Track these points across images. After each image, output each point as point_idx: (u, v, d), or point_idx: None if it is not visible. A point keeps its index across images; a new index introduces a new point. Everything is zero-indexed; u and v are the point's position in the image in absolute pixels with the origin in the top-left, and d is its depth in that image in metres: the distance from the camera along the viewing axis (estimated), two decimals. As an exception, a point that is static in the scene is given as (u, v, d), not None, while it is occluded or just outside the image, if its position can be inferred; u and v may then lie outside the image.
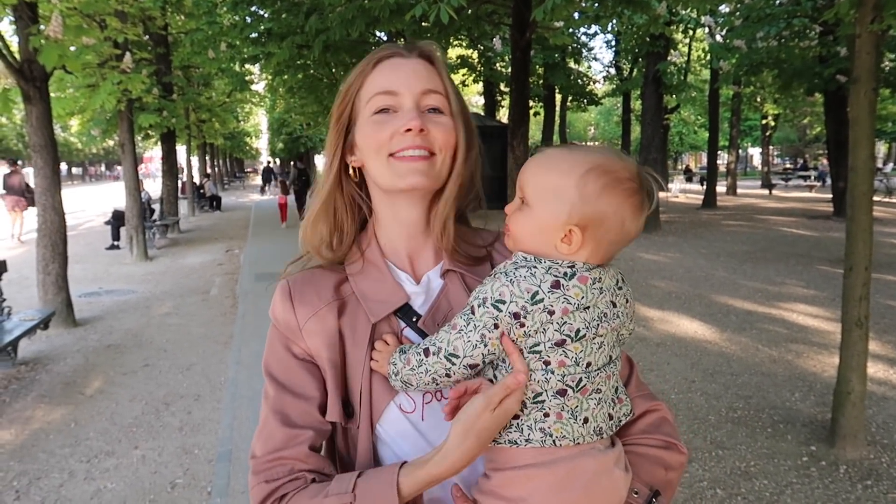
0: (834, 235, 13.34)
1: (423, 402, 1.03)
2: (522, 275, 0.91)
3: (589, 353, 0.92)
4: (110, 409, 4.97)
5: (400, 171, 1.03)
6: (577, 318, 0.90)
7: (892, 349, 5.92)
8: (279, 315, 1.09)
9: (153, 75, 13.25)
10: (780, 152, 55.00)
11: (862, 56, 3.77)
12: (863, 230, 3.84)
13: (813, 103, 25.94)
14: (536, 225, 0.94)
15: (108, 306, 8.46)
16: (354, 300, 1.07)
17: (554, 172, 0.94)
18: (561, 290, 0.90)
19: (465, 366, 0.93)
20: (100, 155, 63.70)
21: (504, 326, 0.90)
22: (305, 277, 1.11)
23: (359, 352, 1.04)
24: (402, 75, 1.04)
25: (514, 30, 8.50)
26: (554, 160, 0.96)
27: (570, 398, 0.91)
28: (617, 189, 0.92)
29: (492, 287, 0.91)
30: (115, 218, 13.99)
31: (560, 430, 0.91)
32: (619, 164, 0.93)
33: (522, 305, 0.89)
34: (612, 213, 0.92)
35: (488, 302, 0.91)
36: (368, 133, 1.04)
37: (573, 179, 0.92)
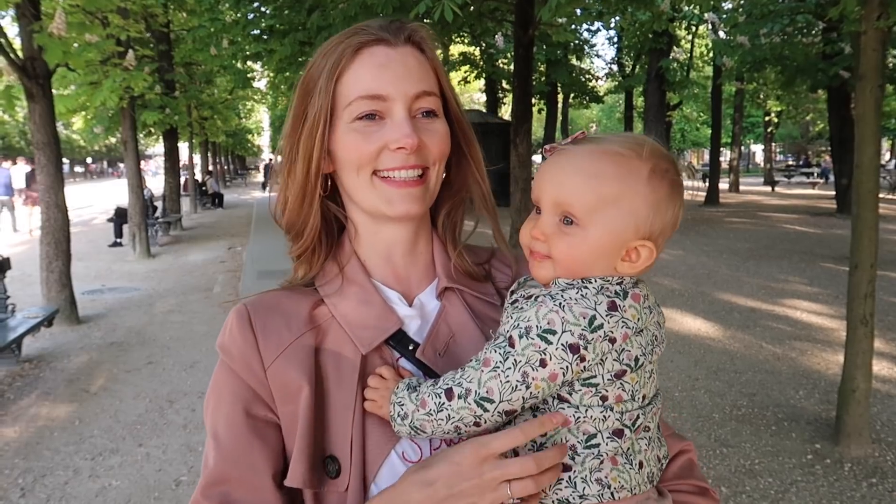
0: (837, 232, 13.31)
1: (432, 449, 0.84)
2: (573, 297, 0.74)
3: (643, 385, 0.78)
4: (114, 406, 4.97)
5: (389, 197, 0.86)
6: (635, 344, 0.76)
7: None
8: (236, 351, 0.86)
9: (155, 72, 13.25)
10: (783, 149, 54.91)
11: (867, 53, 3.75)
12: (868, 227, 3.83)
13: (816, 100, 25.90)
14: (595, 248, 0.77)
15: (112, 304, 8.47)
16: (336, 327, 0.88)
17: (610, 181, 0.76)
18: (619, 313, 0.74)
19: (501, 412, 0.74)
20: (102, 152, 63.78)
21: (556, 364, 0.72)
22: (269, 302, 0.91)
23: (345, 393, 0.83)
24: (390, 73, 0.84)
25: (516, 27, 8.49)
26: (603, 166, 0.77)
27: (626, 440, 0.77)
28: (679, 187, 0.79)
29: (536, 314, 0.74)
30: (117, 215, 14.00)
31: (618, 478, 0.76)
32: (665, 154, 0.79)
33: (580, 334, 0.72)
34: (676, 216, 0.79)
35: (533, 332, 0.73)
36: (349, 145, 0.85)
37: (638, 185, 0.76)
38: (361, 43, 0.85)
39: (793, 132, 46.80)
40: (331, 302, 0.89)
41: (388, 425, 0.81)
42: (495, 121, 20.32)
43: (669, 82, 17.20)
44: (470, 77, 20.30)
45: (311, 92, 0.87)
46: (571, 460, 0.76)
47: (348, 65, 0.84)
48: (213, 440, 0.86)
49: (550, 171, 0.80)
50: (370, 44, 0.85)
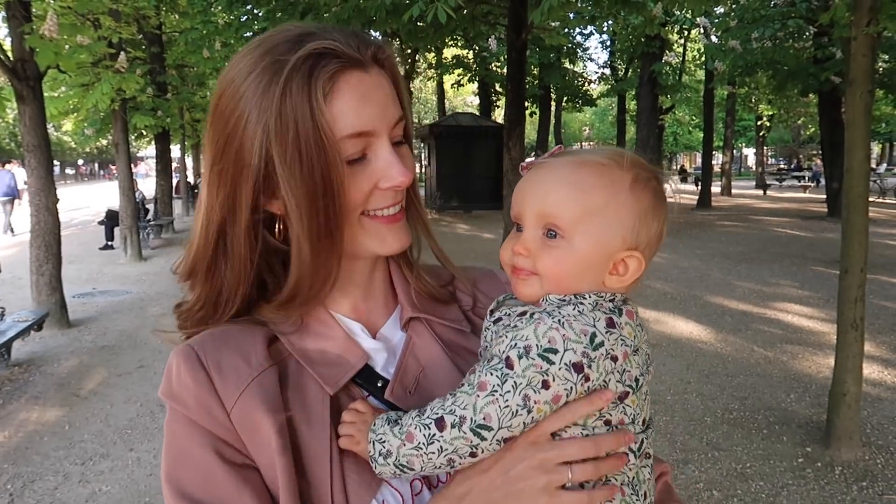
0: (828, 236, 13.39)
1: (413, 495, 0.77)
2: (570, 313, 0.70)
3: (642, 409, 0.74)
4: (105, 410, 4.94)
5: (381, 236, 0.79)
6: (634, 364, 0.72)
7: (886, 350, 5.94)
8: (190, 398, 0.74)
9: (147, 74, 13.21)
10: (775, 153, 55.20)
11: (857, 58, 3.78)
12: (858, 232, 3.85)
13: (807, 104, 26.09)
14: (582, 261, 0.74)
15: (103, 307, 8.43)
16: (296, 365, 0.78)
17: (595, 190, 0.74)
18: (617, 330, 0.70)
19: (500, 440, 0.68)
20: (93, 154, 63.49)
21: (560, 385, 0.67)
22: (216, 336, 0.79)
23: (318, 434, 0.74)
24: (374, 107, 0.74)
25: (509, 30, 8.51)
26: (586, 177, 0.74)
27: (631, 466, 0.73)
28: (663, 197, 0.77)
29: (535, 332, 0.68)
30: (108, 218, 13.93)
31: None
32: (646, 165, 0.77)
33: (583, 352, 0.67)
34: (661, 228, 0.77)
35: (534, 352, 0.67)
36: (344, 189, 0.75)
37: (622, 195, 0.74)
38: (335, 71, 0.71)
39: (784, 136, 47.05)
40: (286, 338, 0.80)
41: (366, 470, 0.73)
42: (488, 124, 20.34)
43: (662, 86, 17.26)
44: (463, 80, 20.34)
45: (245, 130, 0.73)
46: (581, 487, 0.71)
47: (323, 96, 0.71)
48: (185, 500, 0.72)
49: (531, 184, 0.77)
50: (344, 69, 0.72)
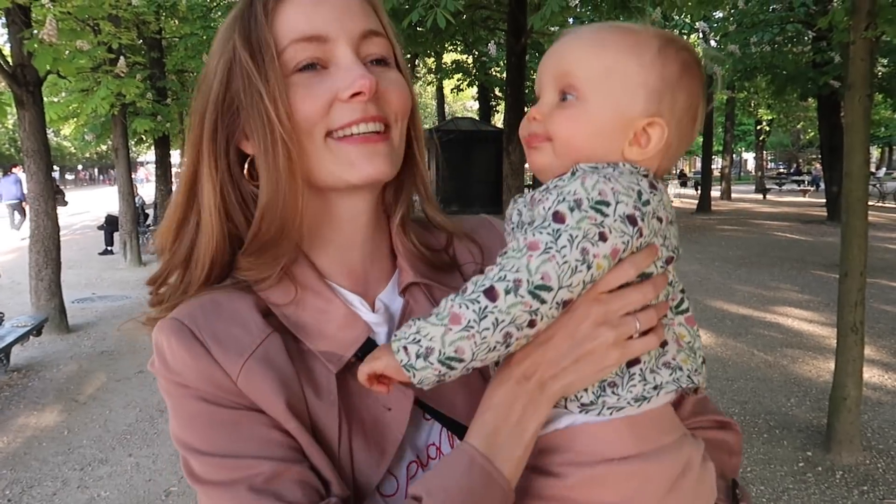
0: (828, 240, 13.38)
1: (407, 478, 0.74)
2: (612, 173, 0.66)
3: (676, 276, 0.73)
4: (104, 416, 4.93)
5: (350, 158, 0.70)
6: (672, 233, 0.70)
7: (887, 354, 5.94)
8: (190, 373, 0.70)
9: (147, 80, 13.22)
10: (774, 157, 55.28)
11: (856, 62, 3.78)
12: (858, 235, 3.85)
13: (806, 108, 26.12)
14: (596, 123, 0.69)
15: (102, 312, 8.42)
16: (293, 341, 0.73)
17: (614, 51, 0.69)
18: (658, 193, 0.67)
19: (560, 303, 0.63)
20: (93, 159, 63.54)
21: (617, 237, 0.63)
22: (205, 306, 0.73)
23: (328, 416, 0.71)
24: (328, 11, 0.70)
25: (509, 35, 8.53)
26: (608, 35, 0.71)
27: (673, 322, 0.72)
28: (696, 72, 0.71)
29: (583, 185, 0.64)
30: (108, 223, 13.94)
31: (686, 360, 0.71)
32: (680, 39, 0.72)
33: (635, 206, 0.64)
34: (691, 106, 0.72)
35: (585, 204, 0.63)
36: (293, 103, 0.69)
37: (647, 56, 0.69)
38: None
39: (784, 140, 47.12)
40: (281, 313, 0.74)
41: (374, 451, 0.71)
42: (488, 129, 20.35)
43: (661, 90, 17.29)
44: (463, 85, 20.34)
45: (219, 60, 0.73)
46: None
47: (270, 12, 0.69)
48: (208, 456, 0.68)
49: (552, 51, 0.73)
50: None
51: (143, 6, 10.64)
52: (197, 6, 10.27)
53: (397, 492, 0.73)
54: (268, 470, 0.66)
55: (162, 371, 0.73)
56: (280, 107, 0.68)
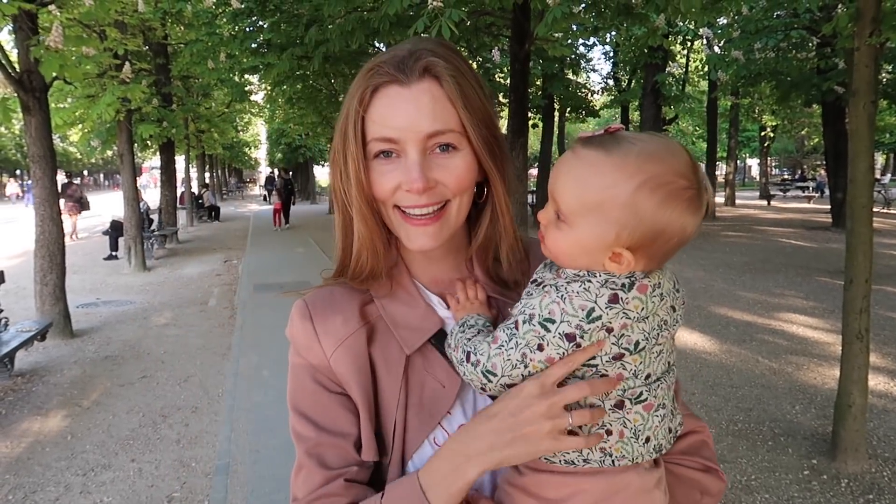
0: (833, 246, 13.34)
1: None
2: (575, 290, 0.80)
3: (648, 364, 0.84)
4: (107, 421, 4.94)
5: (409, 233, 0.92)
6: (636, 330, 0.81)
7: (892, 361, 5.90)
8: (301, 341, 0.98)
9: (153, 85, 13.28)
10: (778, 163, 55.17)
11: (861, 69, 3.77)
12: (863, 242, 3.83)
13: (811, 114, 26.07)
14: (578, 246, 0.83)
15: (106, 317, 8.43)
16: (384, 325, 0.97)
17: (596, 187, 0.80)
18: (620, 305, 0.79)
19: (503, 385, 0.84)
20: (98, 165, 63.77)
21: (552, 349, 0.80)
22: (325, 297, 0.99)
23: (393, 383, 0.94)
24: (402, 115, 0.86)
25: (512, 41, 8.53)
26: (592, 169, 0.81)
27: (627, 411, 0.83)
28: (676, 201, 0.79)
29: (540, 303, 0.81)
30: (113, 228, 13.98)
31: (621, 449, 0.84)
32: (673, 168, 0.79)
33: (577, 325, 0.79)
34: (672, 226, 0.80)
35: (535, 320, 0.81)
36: (372, 181, 0.91)
37: (623, 196, 0.78)
38: (377, 84, 0.88)
39: (788, 146, 47.03)
40: (380, 302, 0.97)
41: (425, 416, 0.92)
42: (492, 134, 20.31)
43: (665, 97, 17.27)
44: (466, 91, 20.36)
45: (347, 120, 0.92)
46: (579, 429, 0.82)
47: (368, 102, 0.89)
48: (300, 416, 0.96)
49: (558, 165, 0.86)
50: (384, 85, 0.88)
51: (149, 12, 10.69)
52: (202, 13, 10.30)
53: None
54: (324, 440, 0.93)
55: (288, 332, 1.00)
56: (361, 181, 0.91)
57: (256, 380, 5.63)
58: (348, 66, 11.15)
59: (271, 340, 6.67)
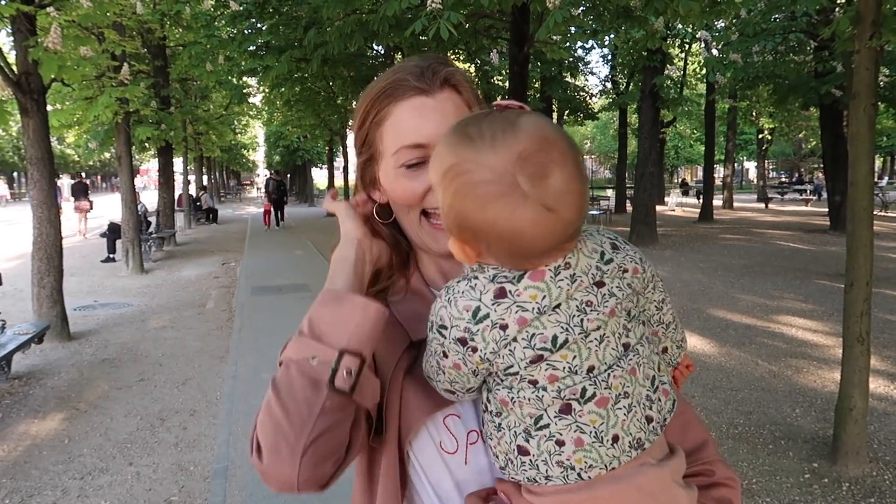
0: (831, 249, 13.35)
1: (468, 443, 0.90)
2: (461, 290, 0.76)
3: (586, 357, 0.74)
4: (105, 424, 4.91)
5: (432, 235, 0.94)
6: (547, 324, 0.73)
7: (892, 364, 5.90)
8: None
9: (151, 87, 13.26)
10: (776, 166, 55.25)
11: (861, 72, 3.77)
12: (863, 245, 3.83)
13: (808, 117, 26.13)
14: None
15: (104, 320, 8.41)
16: (393, 321, 0.96)
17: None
18: (509, 298, 0.73)
19: (444, 391, 0.84)
20: (96, 167, 63.68)
21: (454, 356, 0.77)
22: None
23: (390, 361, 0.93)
24: (431, 124, 0.89)
25: (511, 44, 8.53)
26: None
27: (580, 414, 0.74)
28: (471, 195, 0.71)
29: (434, 309, 0.79)
30: (110, 230, 13.94)
31: (584, 459, 0.75)
32: (479, 158, 0.71)
33: (465, 328, 0.74)
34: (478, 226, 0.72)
35: (434, 327, 0.79)
36: (398, 187, 0.93)
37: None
38: (400, 97, 0.91)
39: (786, 149, 47.11)
40: (394, 307, 0.98)
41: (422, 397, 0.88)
42: (490, 137, 20.33)
43: (663, 99, 17.28)
44: (465, 94, 20.39)
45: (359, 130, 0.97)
46: (527, 443, 0.76)
47: (390, 111, 0.91)
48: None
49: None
50: (408, 96, 0.91)
51: (147, 14, 10.68)
52: (201, 15, 10.30)
53: (457, 450, 0.89)
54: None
55: None
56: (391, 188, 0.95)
57: (255, 383, 5.61)
58: (347, 69, 11.15)
59: (269, 343, 6.65)
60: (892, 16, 3.92)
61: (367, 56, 11.63)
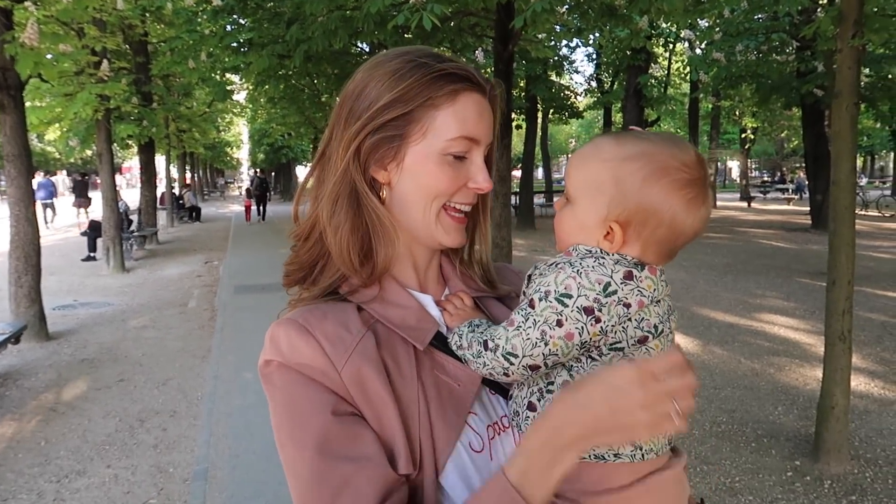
0: (813, 248, 13.47)
1: (489, 439, 0.90)
2: (590, 265, 0.82)
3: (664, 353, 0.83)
4: (82, 426, 4.83)
5: (447, 227, 0.94)
6: (653, 313, 0.83)
7: (872, 362, 5.95)
8: (306, 360, 0.85)
9: (132, 84, 13.09)
10: (759, 165, 55.74)
11: (843, 71, 3.79)
12: (846, 244, 3.85)
13: (790, 117, 26.34)
14: (577, 222, 0.87)
15: (83, 319, 8.28)
16: (383, 329, 0.91)
17: (593, 163, 0.87)
18: (634, 282, 0.81)
19: (525, 366, 0.82)
20: (77, 165, 62.95)
21: (571, 324, 0.79)
22: (314, 311, 0.91)
23: (409, 389, 0.86)
24: (484, 122, 0.93)
25: (496, 42, 8.50)
26: (596, 149, 0.88)
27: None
28: (663, 180, 0.82)
29: (555, 279, 0.81)
30: (91, 229, 13.76)
31: (650, 441, 0.83)
32: (668, 152, 0.84)
33: (595, 298, 0.79)
34: (658, 208, 0.82)
35: (552, 296, 0.80)
36: (438, 174, 0.90)
37: (612, 170, 0.84)
38: (460, 88, 0.90)
39: (768, 148, 47.53)
40: (371, 308, 0.92)
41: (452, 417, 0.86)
42: (475, 135, 20.31)
43: (647, 98, 17.37)
44: (450, 92, 20.35)
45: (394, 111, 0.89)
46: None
47: (446, 103, 0.89)
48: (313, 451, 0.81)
49: (572, 156, 0.93)
50: (469, 90, 0.91)
51: (128, 9, 10.53)
52: (183, 10, 10.16)
53: (483, 448, 0.88)
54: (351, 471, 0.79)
55: (276, 358, 0.87)
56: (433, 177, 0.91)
57: (237, 383, 5.55)
58: (331, 66, 11.06)
59: (252, 342, 6.58)
60: (874, 15, 3.93)
61: (352, 53, 11.55)
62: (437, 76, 0.88)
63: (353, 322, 0.89)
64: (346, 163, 0.90)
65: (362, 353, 0.85)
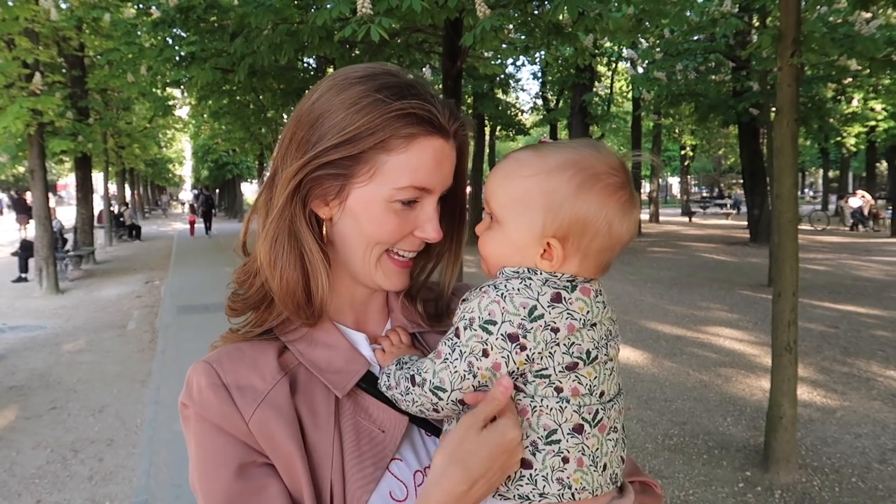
0: (752, 261, 13.90)
1: (415, 486, 0.85)
2: (515, 287, 0.76)
3: (602, 381, 0.79)
4: (10, 458, 4.53)
5: (388, 272, 0.89)
6: (585, 338, 0.77)
7: (814, 371, 6.11)
8: (212, 408, 0.82)
9: (67, 98, 12.62)
10: (698, 181, 57.51)
11: (783, 88, 3.89)
12: (790, 256, 3.93)
13: (727, 135, 27.31)
14: (509, 244, 0.81)
15: (12, 344, 7.84)
16: (305, 373, 0.86)
17: (517, 178, 0.81)
18: (563, 304, 0.76)
19: (454, 401, 0.77)
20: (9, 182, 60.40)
21: (497, 354, 0.75)
22: (232, 354, 0.87)
23: (324, 438, 0.82)
24: (441, 171, 0.86)
25: (445, 58, 8.52)
26: (518, 164, 0.82)
27: (587, 436, 0.77)
28: (596, 186, 0.78)
29: (479, 304, 0.76)
30: (23, 248, 13.14)
31: (580, 479, 0.77)
32: (594, 157, 0.80)
33: (519, 324, 0.74)
34: (594, 217, 0.78)
35: (476, 323, 0.76)
36: (386, 221, 0.84)
37: (540, 183, 0.79)
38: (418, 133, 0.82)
39: (706, 165, 49.16)
40: (296, 349, 0.88)
41: (368, 467, 0.82)
42: (424, 152, 20.34)
43: (592, 116, 17.71)
44: (398, 108, 20.34)
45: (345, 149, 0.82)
46: (532, 457, 0.76)
47: (402, 146, 0.82)
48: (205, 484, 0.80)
49: (490, 174, 0.87)
50: (429, 134, 0.83)
51: (63, 21, 10.15)
52: (121, 22, 9.85)
53: (407, 497, 0.83)
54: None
55: (189, 404, 0.84)
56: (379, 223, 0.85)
57: (178, 409, 5.31)
58: (277, 81, 10.88)
59: (195, 365, 6.34)
60: (811, 35, 4.07)
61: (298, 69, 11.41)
62: (396, 116, 0.81)
63: (269, 368, 0.85)
64: (284, 199, 0.84)
65: (272, 404, 0.82)
